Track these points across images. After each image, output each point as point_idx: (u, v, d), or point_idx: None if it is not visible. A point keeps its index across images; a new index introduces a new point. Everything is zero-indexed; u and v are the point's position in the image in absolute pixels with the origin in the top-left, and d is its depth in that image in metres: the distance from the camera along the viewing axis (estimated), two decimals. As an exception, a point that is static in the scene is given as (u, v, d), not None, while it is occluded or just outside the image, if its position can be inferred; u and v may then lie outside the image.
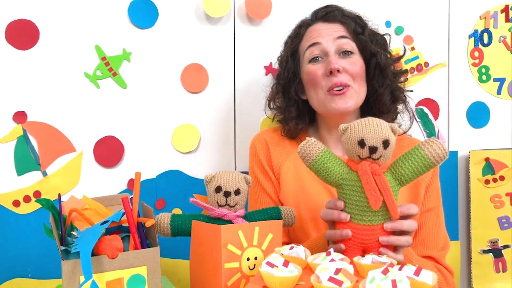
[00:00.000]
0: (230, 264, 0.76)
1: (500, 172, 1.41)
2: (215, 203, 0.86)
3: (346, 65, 0.97)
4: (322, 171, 0.78)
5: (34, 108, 1.08)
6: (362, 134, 0.74)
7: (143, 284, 0.71)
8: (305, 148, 0.78)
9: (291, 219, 0.91)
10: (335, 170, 0.78)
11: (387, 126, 0.75)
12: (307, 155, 0.78)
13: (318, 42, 0.99)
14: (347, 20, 1.01)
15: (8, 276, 1.07)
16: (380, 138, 0.73)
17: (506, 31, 1.43)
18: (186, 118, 1.19)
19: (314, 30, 1.02)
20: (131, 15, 1.13)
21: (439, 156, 0.75)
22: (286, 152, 1.07)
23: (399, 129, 0.76)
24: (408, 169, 0.75)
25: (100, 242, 0.70)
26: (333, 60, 0.96)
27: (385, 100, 1.02)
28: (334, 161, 0.78)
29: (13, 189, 1.07)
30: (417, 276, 0.62)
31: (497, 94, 1.44)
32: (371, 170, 0.74)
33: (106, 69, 1.12)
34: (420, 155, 0.75)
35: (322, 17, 1.03)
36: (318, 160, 0.78)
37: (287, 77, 1.05)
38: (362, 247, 0.77)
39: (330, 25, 1.01)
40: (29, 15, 1.07)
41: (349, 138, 0.76)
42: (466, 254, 1.43)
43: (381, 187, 0.73)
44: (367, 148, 0.74)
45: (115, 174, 1.14)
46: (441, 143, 0.75)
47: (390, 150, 0.75)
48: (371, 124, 0.75)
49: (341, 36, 0.99)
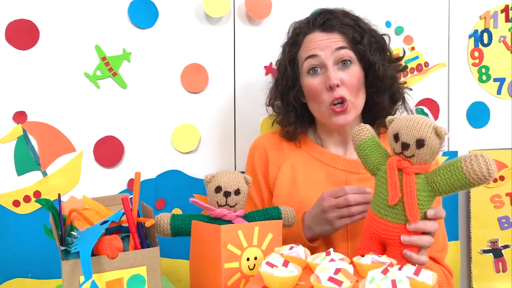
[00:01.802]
0: (230, 264, 0.76)
1: (500, 172, 1.41)
2: (215, 203, 0.86)
3: (344, 78, 0.97)
4: (361, 157, 0.81)
5: (34, 108, 1.08)
6: (399, 129, 0.73)
7: (143, 284, 0.71)
8: (354, 132, 0.82)
9: (291, 219, 0.91)
10: (372, 158, 0.79)
11: (429, 126, 0.71)
12: (353, 138, 0.82)
13: (316, 55, 0.99)
14: (345, 29, 0.99)
15: (8, 276, 1.07)
16: (415, 136, 0.71)
17: (506, 31, 1.43)
18: (186, 118, 1.19)
19: (312, 40, 1.01)
20: (131, 15, 1.13)
21: (477, 175, 0.68)
22: (284, 155, 1.07)
23: (444, 132, 0.71)
24: (442, 178, 0.72)
25: (100, 242, 0.70)
26: (331, 76, 0.96)
27: (384, 105, 1.03)
28: (375, 150, 0.79)
29: (13, 189, 1.07)
30: (417, 276, 0.62)
31: (497, 94, 1.44)
32: (401, 166, 0.73)
33: (106, 69, 1.12)
34: (457, 167, 0.70)
35: (320, 26, 1.01)
36: (361, 145, 0.80)
37: (286, 85, 1.05)
38: (378, 239, 0.77)
39: (328, 35, 0.99)
40: (29, 15, 1.06)
41: (389, 130, 0.76)
42: (466, 254, 1.43)
43: (405, 186, 0.72)
44: (400, 143, 0.73)
45: (115, 174, 1.14)
46: (486, 161, 0.68)
47: (428, 152, 0.72)
48: (411, 120, 0.73)
49: (339, 47, 0.98)
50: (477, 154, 0.69)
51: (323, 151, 1.05)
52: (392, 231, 0.75)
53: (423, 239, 0.76)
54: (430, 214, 0.75)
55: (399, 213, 0.74)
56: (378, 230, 0.76)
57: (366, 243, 0.79)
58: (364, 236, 0.80)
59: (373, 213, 0.78)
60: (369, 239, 0.78)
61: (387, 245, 0.77)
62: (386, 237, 0.76)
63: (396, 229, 0.75)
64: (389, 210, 0.75)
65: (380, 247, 0.78)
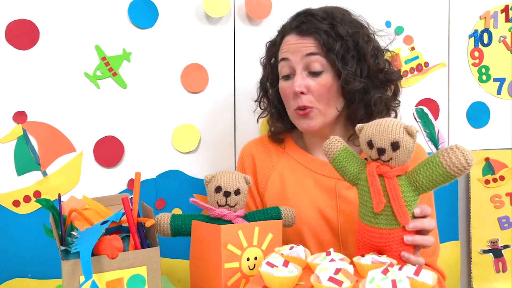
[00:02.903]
0: (230, 264, 0.76)
1: (500, 172, 1.41)
2: (215, 203, 0.86)
3: (312, 85, 0.94)
4: (339, 169, 0.80)
5: (34, 108, 1.08)
6: (371, 135, 0.73)
7: (143, 284, 0.71)
8: (326, 145, 0.81)
9: (291, 219, 0.91)
10: (350, 169, 0.78)
11: (400, 127, 0.72)
12: (326, 153, 0.81)
13: (287, 58, 0.97)
14: (319, 33, 0.94)
15: (8, 276, 1.07)
16: (388, 139, 0.71)
17: (506, 31, 1.43)
18: (186, 118, 1.19)
19: (287, 42, 0.98)
20: (131, 15, 1.13)
21: (457, 167, 0.69)
22: (272, 164, 1.06)
23: (415, 130, 0.71)
24: (424, 176, 0.72)
25: (100, 242, 0.70)
26: (297, 82, 0.94)
27: (356, 116, 0.97)
28: (351, 160, 0.79)
29: (13, 189, 1.07)
30: (417, 276, 0.62)
31: (497, 94, 1.44)
32: (381, 172, 0.73)
33: (106, 69, 1.12)
34: (436, 162, 0.71)
35: (295, 28, 0.97)
36: (335, 158, 0.79)
37: (267, 83, 1.06)
38: (373, 248, 0.76)
39: (300, 40, 0.96)
40: (29, 15, 1.06)
41: (361, 138, 0.75)
42: (466, 254, 1.43)
43: (389, 190, 0.72)
44: (375, 150, 0.73)
45: (115, 174, 1.14)
46: (462, 152, 0.69)
47: (404, 153, 0.72)
48: (381, 125, 0.72)
49: (310, 53, 0.94)
50: (452, 147, 0.70)
51: (310, 158, 1.03)
52: (387, 237, 0.74)
53: (425, 239, 0.75)
54: (417, 213, 0.75)
55: (389, 219, 0.73)
56: (372, 239, 0.75)
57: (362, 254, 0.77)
58: (357, 248, 0.79)
59: (363, 223, 0.76)
60: (364, 250, 0.77)
61: (383, 251, 0.76)
62: (382, 245, 0.75)
63: (390, 234, 0.74)
64: (378, 218, 0.74)
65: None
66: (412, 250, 0.76)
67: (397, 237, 0.74)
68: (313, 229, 0.98)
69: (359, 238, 0.78)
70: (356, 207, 0.81)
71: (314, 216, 0.98)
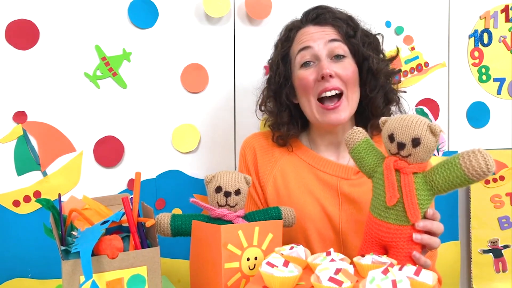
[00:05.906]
0: (230, 264, 0.76)
1: (500, 172, 1.41)
2: (215, 203, 0.86)
3: (339, 70, 0.95)
4: (357, 160, 0.80)
5: (34, 108, 1.08)
6: (393, 129, 0.73)
7: (143, 284, 0.71)
8: (348, 136, 0.81)
9: (291, 219, 0.91)
10: (368, 161, 0.79)
11: (424, 124, 0.71)
12: (347, 142, 0.81)
13: (309, 46, 0.97)
14: (338, 22, 0.98)
15: (8, 276, 1.07)
16: (410, 135, 0.71)
17: (506, 31, 1.43)
18: (186, 118, 1.19)
19: (305, 33, 1.00)
20: (131, 15, 1.13)
21: (476, 171, 0.67)
22: (274, 160, 1.05)
23: (439, 130, 0.71)
24: (441, 176, 0.71)
25: (100, 242, 0.70)
26: (325, 65, 0.94)
27: (378, 103, 1.00)
28: (370, 152, 0.79)
29: (13, 189, 1.07)
30: (417, 276, 0.62)
31: (497, 94, 1.44)
32: (398, 167, 0.73)
33: (106, 69, 1.12)
34: (455, 164, 0.69)
35: (313, 20, 1.00)
36: (355, 148, 0.80)
37: (278, 82, 1.03)
38: (379, 243, 0.76)
39: (321, 28, 0.99)
40: (29, 15, 1.06)
41: (383, 131, 0.75)
42: (466, 254, 1.43)
43: (404, 186, 0.72)
44: (396, 143, 0.72)
45: (115, 174, 1.14)
46: (484, 156, 0.67)
47: (424, 150, 0.71)
48: (405, 120, 0.72)
49: (333, 40, 0.97)
50: (474, 150, 0.68)
51: (314, 155, 1.03)
52: (394, 233, 0.74)
53: (433, 239, 0.75)
54: (429, 214, 0.75)
55: (399, 214, 0.73)
56: (379, 233, 0.76)
57: (367, 248, 0.78)
58: (364, 241, 0.79)
59: (373, 216, 0.77)
60: (370, 243, 0.77)
61: (389, 248, 0.76)
62: (388, 240, 0.75)
63: (398, 230, 0.74)
64: (389, 212, 0.74)
65: (382, 251, 0.77)
66: (419, 250, 0.76)
67: (405, 235, 0.74)
68: (316, 225, 0.98)
69: (367, 231, 0.78)
70: (358, 207, 0.81)
71: (318, 213, 0.98)
